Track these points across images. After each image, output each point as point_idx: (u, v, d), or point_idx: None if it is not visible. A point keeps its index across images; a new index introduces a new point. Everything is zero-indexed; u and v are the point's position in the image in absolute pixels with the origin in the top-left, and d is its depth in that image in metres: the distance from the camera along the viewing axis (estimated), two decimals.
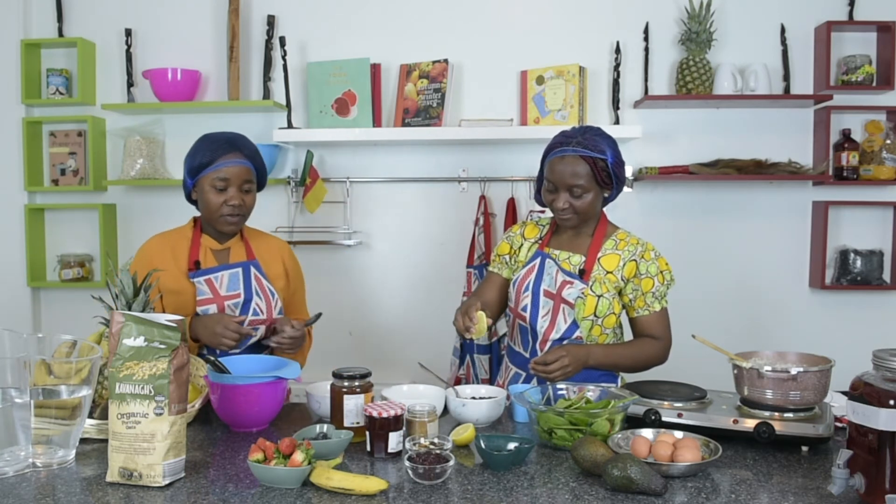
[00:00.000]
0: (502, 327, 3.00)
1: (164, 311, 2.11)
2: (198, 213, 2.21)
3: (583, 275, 2.04)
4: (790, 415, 1.65)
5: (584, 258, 2.07)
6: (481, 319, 1.93)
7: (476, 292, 2.29)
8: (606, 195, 2.07)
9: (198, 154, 2.09)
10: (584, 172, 1.98)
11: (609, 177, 2.01)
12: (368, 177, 3.33)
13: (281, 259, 2.26)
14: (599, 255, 2.07)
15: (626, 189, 3.22)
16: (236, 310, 2.10)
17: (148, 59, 3.35)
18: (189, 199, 2.19)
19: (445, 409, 1.86)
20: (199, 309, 2.07)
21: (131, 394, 1.45)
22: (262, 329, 2.14)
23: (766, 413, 1.66)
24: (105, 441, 1.60)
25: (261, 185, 2.19)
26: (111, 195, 3.43)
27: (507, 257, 2.21)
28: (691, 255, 3.21)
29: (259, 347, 2.17)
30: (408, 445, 1.54)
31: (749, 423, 1.64)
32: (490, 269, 2.27)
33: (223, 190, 2.07)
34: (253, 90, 3.36)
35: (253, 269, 2.16)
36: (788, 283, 3.28)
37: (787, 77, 3.17)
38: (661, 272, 2.07)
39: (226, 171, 2.06)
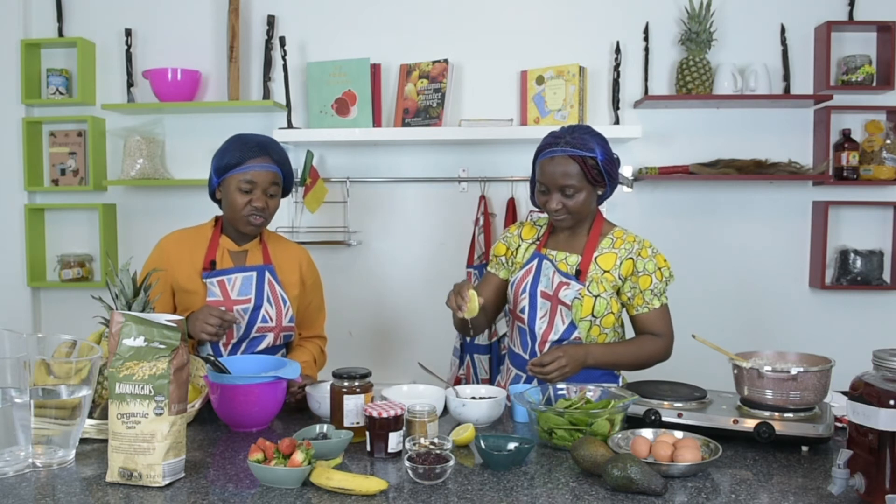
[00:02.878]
0: (502, 328, 3.00)
1: (174, 308, 2.11)
2: (218, 213, 2.20)
3: (579, 275, 2.04)
4: (790, 415, 1.65)
5: (580, 258, 2.07)
6: (473, 298, 1.92)
7: None
8: (600, 193, 2.07)
9: (227, 154, 2.08)
10: (574, 172, 1.98)
11: (600, 175, 2.00)
12: (368, 177, 3.33)
13: (298, 267, 2.24)
14: (596, 254, 2.07)
15: (626, 189, 3.23)
16: (245, 315, 2.08)
17: (148, 59, 3.35)
18: (213, 197, 2.18)
19: (445, 409, 1.86)
20: None
21: (131, 394, 1.45)
22: (270, 336, 2.12)
23: (766, 413, 1.66)
24: (105, 441, 1.60)
25: (286, 191, 2.18)
26: (111, 195, 3.43)
27: (504, 258, 2.21)
28: (691, 254, 3.21)
29: (267, 352, 2.15)
30: (408, 445, 1.54)
31: (749, 423, 1.64)
32: (487, 269, 2.27)
33: (248, 192, 2.06)
34: (253, 90, 3.36)
35: (267, 274, 2.14)
36: (788, 283, 3.28)
37: (787, 77, 3.17)
38: (659, 269, 2.06)
39: (253, 174, 2.06)
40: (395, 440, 1.60)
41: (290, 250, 2.26)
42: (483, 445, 1.54)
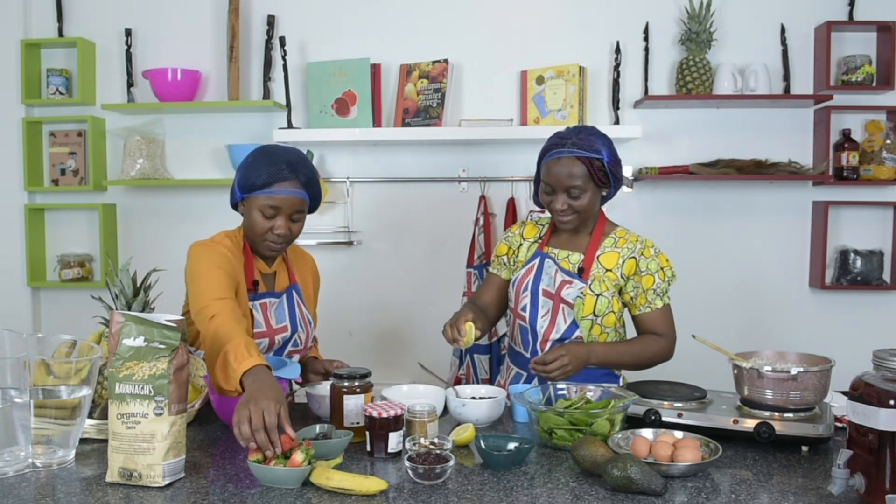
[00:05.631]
0: (502, 327, 3.00)
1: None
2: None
3: (581, 273, 2.04)
4: (790, 415, 1.65)
5: (583, 256, 2.07)
6: (469, 331, 1.93)
7: (476, 294, 2.29)
8: (604, 194, 2.07)
9: (253, 171, 1.93)
10: (580, 173, 1.98)
11: (606, 176, 2.00)
12: (368, 177, 3.33)
13: (311, 276, 2.22)
14: (598, 253, 2.07)
15: (626, 189, 3.23)
16: (284, 345, 2.04)
17: (148, 59, 3.35)
18: (234, 207, 2.07)
19: (445, 409, 1.86)
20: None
21: (131, 394, 1.45)
22: (295, 357, 2.08)
23: (766, 413, 1.66)
24: (105, 441, 1.59)
25: (312, 209, 2.05)
26: (111, 195, 3.43)
27: (506, 258, 2.21)
28: (691, 255, 3.21)
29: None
30: (408, 445, 1.54)
31: (749, 423, 1.64)
32: (490, 270, 2.27)
33: (271, 217, 1.94)
34: (253, 90, 3.36)
35: (295, 296, 2.09)
36: (788, 283, 3.28)
37: (787, 77, 3.17)
38: (662, 268, 2.06)
39: (278, 199, 1.92)
40: (395, 440, 1.60)
41: (304, 260, 2.22)
42: (483, 445, 1.54)
